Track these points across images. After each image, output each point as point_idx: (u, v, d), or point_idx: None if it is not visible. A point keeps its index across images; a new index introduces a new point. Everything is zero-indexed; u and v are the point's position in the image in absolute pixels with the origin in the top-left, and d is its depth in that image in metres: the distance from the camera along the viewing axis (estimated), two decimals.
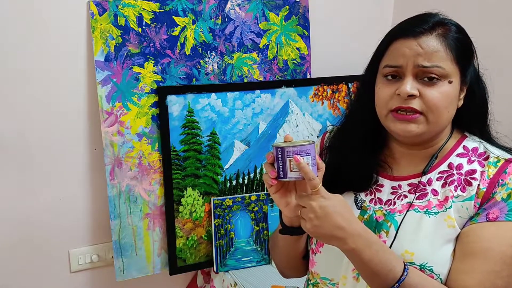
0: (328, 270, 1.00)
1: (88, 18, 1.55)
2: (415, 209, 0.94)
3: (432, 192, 0.94)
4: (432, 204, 0.93)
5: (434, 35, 0.90)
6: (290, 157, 0.88)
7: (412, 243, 0.91)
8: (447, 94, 0.90)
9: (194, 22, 1.65)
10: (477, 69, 0.97)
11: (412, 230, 0.92)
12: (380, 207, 0.97)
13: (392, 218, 0.95)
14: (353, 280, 0.95)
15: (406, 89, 0.88)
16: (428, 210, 0.92)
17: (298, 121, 1.84)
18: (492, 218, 0.87)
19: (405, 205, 0.95)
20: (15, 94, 1.53)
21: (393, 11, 2.05)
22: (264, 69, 1.79)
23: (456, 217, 0.90)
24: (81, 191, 1.68)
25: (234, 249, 1.72)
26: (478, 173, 0.92)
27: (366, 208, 0.99)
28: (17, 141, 1.57)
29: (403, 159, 1.00)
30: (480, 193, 0.90)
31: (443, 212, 0.91)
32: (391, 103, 0.92)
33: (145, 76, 1.61)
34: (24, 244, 1.64)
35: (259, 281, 1.66)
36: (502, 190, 0.89)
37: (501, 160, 0.92)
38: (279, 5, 1.77)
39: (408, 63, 0.90)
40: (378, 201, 0.98)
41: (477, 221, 0.88)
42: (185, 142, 1.67)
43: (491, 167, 0.92)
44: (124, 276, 1.68)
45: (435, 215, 0.92)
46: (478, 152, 0.95)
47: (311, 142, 0.90)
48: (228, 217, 1.71)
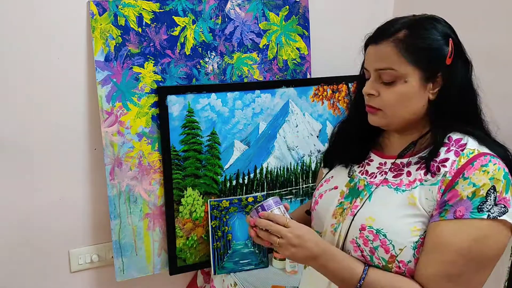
0: (319, 224, 1.18)
1: (88, 18, 1.55)
2: (389, 185, 1.07)
3: (406, 173, 1.06)
4: (403, 183, 1.05)
5: (390, 41, 1.02)
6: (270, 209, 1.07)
7: (376, 211, 1.05)
8: (402, 93, 1.02)
9: (194, 22, 1.66)
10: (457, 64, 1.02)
11: (379, 201, 1.06)
12: (365, 177, 1.13)
13: (369, 189, 1.10)
14: (331, 234, 1.13)
15: (364, 90, 1.07)
16: (398, 187, 1.05)
17: (298, 121, 1.84)
18: (459, 216, 0.96)
19: (381, 180, 1.09)
20: (15, 94, 1.54)
21: (393, 11, 2.05)
22: (264, 69, 1.79)
23: (420, 198, 1.01)
24: (81, 191, 1.68)
25: (231, 252, 1.72)
26: (449, 161, 1.00)
27: (354, 177, 1.16)
28: (17, 141, 1.57)
29: (393, 141, 1.13)
30: (446, 181, 0.99)
31: (408, 191, 1.03)
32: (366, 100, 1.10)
33: (145, 76, 1.61)
34: (24, 244, 1.64)
35: (259, 281, 1.66)
36: (464, 184, 0.96)
37: (475, 152, 0.99)
38: (279, 5, 1.77)
39: (371, 67, 1.06)
40: (365, 173, 1.14)
41: (446, 218, 0.97)
42: (185, 142, 1.67)
43: (463, 157, 0.99)
44: (124, 276, 1.68)
45: (402, 192, 1.04)
46: (459, 143, 1.02)
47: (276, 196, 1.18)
48: (225, 219, 1.70)
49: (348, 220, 1.08)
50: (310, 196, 1.89)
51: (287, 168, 1.85)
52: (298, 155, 1.86)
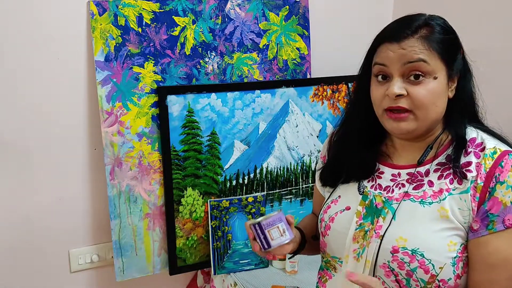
0: (336, 250, 1.08)
1: (88, 18, 1.55)
2: (411, 198, 0.99)
3: (428, 183, 0.98)
4: (427, 195, 0.97)
5: (416, 38, 0.95)
6: (268, 228, 1.02)
7: (406, 229, 0.96)
8: (433, 90, 0.94)
9: (194, 22, 1.66)
10: (465, 61, 1.01)
11: (406, 217, 0.98)
12: (380, 193, 1.04)
13: (389, 205, 1.01)
14: (354, 260, 1.02)
15: (393, 90, 0.95)
16: (423, 200, 0.97)
17: (298, 121, 1.84)
18: (509, 224, 0.90)
19: (402, 194, 1.00)
20: (15, 94, 1.54)
21: (393, 11, 2.05)
22: (264, 69, 1.79)
23: (452, 209, 0.94)
24: (81, 191, 1.68)
25: (231, 252, 1.72)
26: (473, 164, 0.94)
27: (367, 194, 1.05)
28: (17, 141, 1.57)
29: (403, 149, 1.05)
30: (478, 187, 0.93)
31: (437, 203, 0.96)
32: (383, 103, 0.98)
33: (145, 76, 1.61)
34: (24, 244, 1.64)
35: (259, 281, 1.66)
36: (503, 189, 0.91)
37: (497, 151, 0.94)
38: (279, 5, 1.77)
39: (394, 64, 0.95)
40: (378, 187, 1.05)
41: (496, 230, 0.90)
42: (185, 142, 1.67)
43: (487, 159, 0.94)
44: (124, 276, 1.68)
45: (429, 205, 0.96)
46: (475, 142, 0.97)
47: (279, 211, 1.04)
48: (225, 219, 1.70)
49: (374, 243, 0.99)
50: (310, 196, 1.88)
51: (287, 168, 1.85)
52: (298, 155, 1.86)
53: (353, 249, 1.03)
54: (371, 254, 0.99)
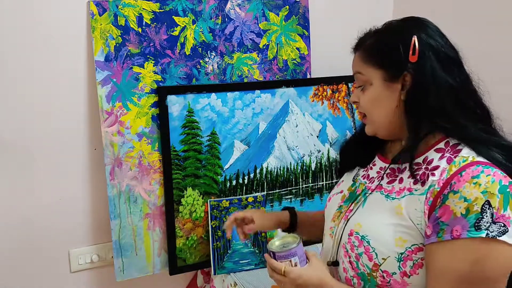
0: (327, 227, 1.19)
1: (88, 18, 1.55)
2: (381, 191, 1.06)
3: (399, 180, 1.04)
4: (394, 190, 1.03)
5: (360, 50, 1.08)
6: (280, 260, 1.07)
7: (365, 217, 1.05)
8: (370, 96, 1.05)
9: (194, 22, 1.66)
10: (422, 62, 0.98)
11: (371, 207, 1.06)
12: (365, 182, 1.13)
13: (364, 194, 1.10)
14: (329, 237, 1.15)
15: (350, 98, 1.16)
16: (389, 195, 1.04)
17: (298, 121, 1.84)
18: (456, 236, 0.90)
19: (377, 185, 1.09)
20: (15, 94, 1.54)
21: (393, 11, 2.05)
22: (264, 69, 1.79)
23: (407, 208, 0.98)
24: (81, 191, 1.68)
25: (231, 252, 1.72)
26: (440, 169, 0.96)
27: (356, 181, 1.17)
28: (17, 141, 1.57)
29: (393, 145, 1.13)
30: (434, 192, 0.95)
31: (397, 199, 1.01)
32: None
33: (145, 76, 1.61)
34: (24, 244, 1.64)
35: (259, 281, 1.66)
36: (455, 199, 0.90)
37: (468, 160, 0.94)
38: (279, 5, 1.77)
39: None
40: (367, 177, 1.14)
41: (443, 239, 0.91)
42: (185, 142, 1.67)
43: (455, 166, 0.95)
44: (124, 276, 1.68)
45: (391, 200, 1.02)
46: (455, 148, 0.98)
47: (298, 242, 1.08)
48: (225, 219, 1.70)
49: (342, 225, 1.10)
50: (310, 196, 1.89)
51: (287, 168, 1.85)
52: (298, 155, 1.86)
53: (330, 227, 1.16)
54: (338, 234, 1.10)
